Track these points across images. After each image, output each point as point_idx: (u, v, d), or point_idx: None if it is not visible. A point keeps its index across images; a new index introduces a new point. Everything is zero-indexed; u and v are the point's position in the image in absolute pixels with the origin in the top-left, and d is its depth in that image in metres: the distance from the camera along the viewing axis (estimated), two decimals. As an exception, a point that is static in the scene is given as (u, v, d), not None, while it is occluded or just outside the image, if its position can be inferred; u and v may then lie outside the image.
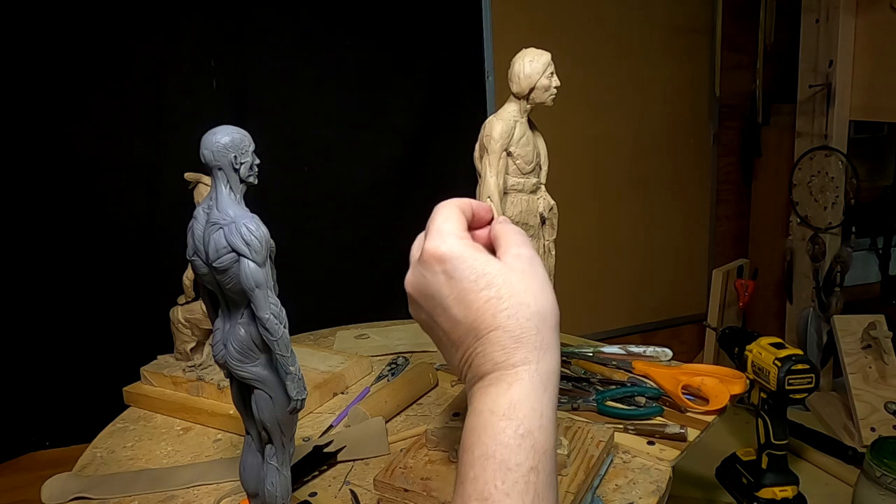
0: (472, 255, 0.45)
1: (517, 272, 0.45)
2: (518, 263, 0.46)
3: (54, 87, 1.52)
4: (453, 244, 0.46)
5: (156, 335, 1.08)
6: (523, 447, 0.40)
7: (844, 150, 1.87)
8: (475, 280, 0.44)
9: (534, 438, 0.40)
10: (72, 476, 0.87)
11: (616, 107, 2.11)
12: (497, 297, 0.44)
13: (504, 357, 0.43)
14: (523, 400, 0.41)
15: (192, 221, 0.60)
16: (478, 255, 0.45)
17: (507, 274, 0.45)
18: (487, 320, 0.44)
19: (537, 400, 0.42)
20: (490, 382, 0.43)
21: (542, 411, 0.41)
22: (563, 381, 1.06)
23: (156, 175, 1.61)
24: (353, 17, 1.75)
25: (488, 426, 0.41)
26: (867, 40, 1.79)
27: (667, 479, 0.81)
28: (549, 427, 0.41)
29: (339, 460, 0.88)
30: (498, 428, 0.40)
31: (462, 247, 0.46)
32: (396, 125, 1.84)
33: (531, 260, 0.46)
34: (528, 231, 0.69)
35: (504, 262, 0.46)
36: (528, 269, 0.46)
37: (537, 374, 0.42)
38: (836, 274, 1.88)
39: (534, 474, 0.39)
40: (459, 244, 0.46)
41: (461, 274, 0.45)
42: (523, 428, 0.40)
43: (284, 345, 0.59)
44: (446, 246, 0.46)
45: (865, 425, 1.60)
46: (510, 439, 0.40)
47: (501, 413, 0.41)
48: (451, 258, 0.45)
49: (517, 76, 0.65)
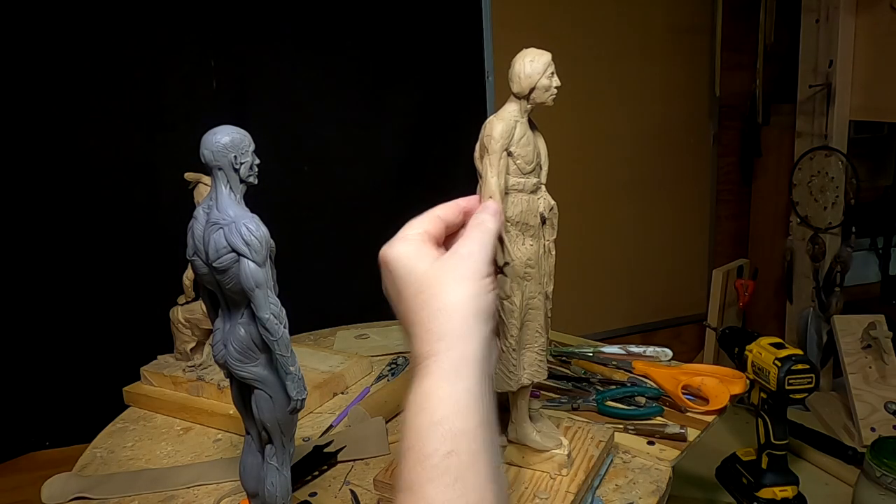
0: (408, 254, 0.48)
1: (443, 268, 0.47)
2: (450, 260, 0.48)
3: (55, 87, 1.52)
4: (397, 247, 0.48)
5: (156, 335, 1.08)
6: (437, 434, 0.41)
7: (844, 150, 1.87)
8: (405, 278, 0.47)
9: (449, 424, 0.41)
10: (72, 476, 0.87)
11: (616, 107, 2.11)
12: (417, 292, 0.46)
13: (420, 349, 0.45)
14: (433, 390, 0.43)
15: (192, 221, 0.60)
16: (414, 254, 0.48)
17: (432, 270, 0.47)
18: (410, 315, 0.46)
19: (449, 387, 0.43)
20: (413, 377, 0.45)
21: (457, 397, 0.43)
22: (563, 381, 1.06)
23: (156, 175, 1.61)
24: (353, 18, 1.75)
25: (407, 420, 0.43)
26: (867, 40, 1.79)
27: (667, 479, 0.81)
28: (466, 411, 0.42)
29: (339, 460, 0.88)
30: (415, 422, 0.42)
31: (406, 249, 0.48)
32: (396, 125, 1.84)
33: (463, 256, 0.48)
34: (528, 231, 0.69)
35: (442, 261, 0.48)
36: (454, 265, 0.47)
37: (447, 362, 0.44)
38: (836, 274, 1.88)
39: (453, 457, 0.40)
40: (405, 247, 0.48)
41: (397, 273, 0.48)
42: (437, 415, 0.41)
43: (284, 345, 0.59)
44: (390, 249, 0.48)
45: (865, 425, 1.60)
46: (424, 429, 0.41)
47: (416, 407, 0.43)
48: (391, 259, 0.48)
49: (517, 76, 0.64)
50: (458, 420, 0.41)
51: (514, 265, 0.67)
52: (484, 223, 0.51)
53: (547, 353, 0.74)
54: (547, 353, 0.74)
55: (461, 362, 0.44)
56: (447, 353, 0.44)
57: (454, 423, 0.41)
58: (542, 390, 1.04)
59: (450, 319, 0.45)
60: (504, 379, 0.71)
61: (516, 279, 0.68)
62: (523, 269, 0.68)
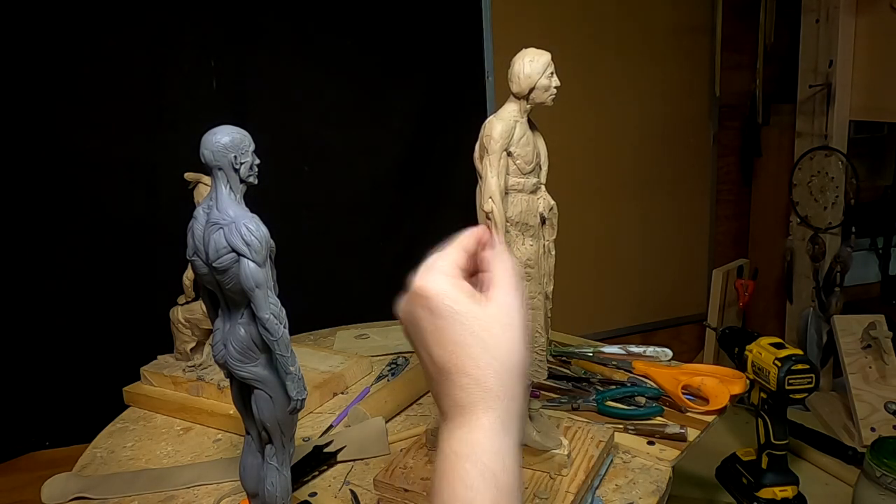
0: (453, 295, 0.46)
1: (492, 318, 0.46)
2: (499, 311, 0.47)
3: (54, 87, 1.52)
4: (439, 282, 0.47)
5: (156, 335, 1.08)
6: (488, 488, 0.42)
7: (844, 150, 1.86)
8: (450, 320, 0.46)
9: (497, 479, 0.42)
10: (72, 476, 0.87)
11: (616, 107, 2.11)
12: (468, 344, 0.45)
13: (467, 400, 0.44)
14: (485, 443, 0.43)
15: (192, 221, 0.60)
16: (460, 296, 0.47)
17: (484, 320, 0.46)
18: (455, 362, 0.45)
19: (499, 443, 0.43)
20: (456, 425, 0.45)
21: (504, 453, 0.43)
22: (563, 381, 1.06)
23: (156, 175, 1.61)
24: (353, 18, 1.74)
25: (454, 469, 0.43)
26: (867, 40, 1.79)
27: (667, 479, 0.81)
28: (511, 468, 0.43)
29: (339, 460, 0.88)
30: (463, 471, 0.42)
31: (447, 286, 0.47)
32: (396, 125, 1.84)
33: (513, 309, 0.47)
34: (528, 231, 0.69)
35: (485, 307, 0.47)
36: (506, 320, 0.47)
37: (498, 420, 0.44)
38: (836, 274, 1.88)
39: None
40: (445, 283, 0.47)
41: (440, 312, 0.46)
42: (487, 470, 0.42)
43: (284, 345, 0.59)
44: (432, 283, 0.47)
45: (865, 425, 1.60)
46: (474, 481, 0.42)
47: (466, 456, 0.43)
48: (434, 296, 0.46)
49: (517, 76, 0.64)
50: (503, 476, 0.42)
51: (514, 265, 0.67)
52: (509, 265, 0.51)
53: (547, 353, 0.75)
54: (547, 353, 0.75)
55: (511, 419, 0.45)
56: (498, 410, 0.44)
57: (500, 479, 0.42)
58: (542, 390, 1.04)
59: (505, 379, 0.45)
60: (504, 379, 0.71)
61: (516, 279, 0.68)
62: (523, 269, 0.69)
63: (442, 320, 0.46)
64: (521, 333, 0.47)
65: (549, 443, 0.76)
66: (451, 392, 0.45)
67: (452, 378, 0.45)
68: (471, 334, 0.45)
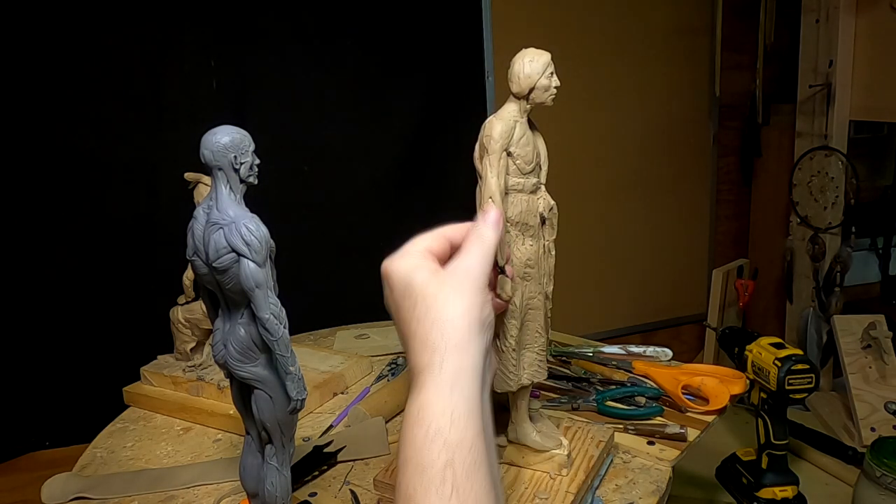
0: (407, 269, 0.48)
1: (440, 282, 0.47)
2: (446, 275, 0.48)
3: (54, 86, 1.52)
4: (398, 262, 0.49)
5: (156, 335, 1.08)
6: (434, 447, 0.41)
7: (844, 150, 1.87)
8: (402, 292, 0.48)
9: (445, 435, 0.42)
10: (72, 476, 0.87)
11: (616, 107, 2.11)
12: (413, 306, 0.46)
13: (417, 361, 0.45)
14: (429, 403, 0.43)
15: (192, 221, 0.60)
16: (413, 270, 0.48)
17: (430, 284, 0.47)
18: (407, 329, 0.47)
19: (445, 399, 0.43)
20: (410, 388, 0.45)
21: (452, 409, 0.43)
22: (563, 381, 1.06)
23: (156, 175, 1.61)
24: (353, 17, 1.74)
25: (405, 434, 0.44)
26: (867, 40, 1.79)
27: (667, 479, 0.81)
28: (462, 421, 0.43)
29: (339, 460, 0.88)
30: (411, 434, 0.43)
31: (402, 263, 0.49)
32: (396, 125, 1.84)
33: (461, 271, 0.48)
34: (527, 231, 0.69)
35: (439, 276, 0.48)
36: (451, 280, 0.48)
37: (441, 375, 0.44)
38: (836, 274, 1.88)
39: (449, 469, 0.41)
40: (404, 261, 0.49)
41: (396, 287, 0.48)
42: (433, 428, 0.42)
43: (284, 345, 0.59)
44: (391, 263, 0.49)
45: (865, 425, 1.60)
46: (421, 442, 0.42)
47: (413, 419, 0.43)
48: (391, 272, 0.48)
49: (517, 76, 0.64)
50: (454, 431, 0.42)
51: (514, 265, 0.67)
52: (482, 236, 0.52)
53: (547, 353, 0.74)
54: (547, 353, 0.75)
55: (458, 374, 0.44)
56: (443, 365, 0.44)
57: (450, 434, 0.42)
58: (542, 390, 1.04)
59: (446, 331, 0.45)
60: (504, 379, 0.71)
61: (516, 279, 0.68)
62: (523, 270, 0.69)
63: (398, 294, 0.48)
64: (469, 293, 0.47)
65: (549, 443, 0.76)
66: (408, 357, 0.47)
67: (406, 344, 0.47)
68: (416, 299, 0.46)
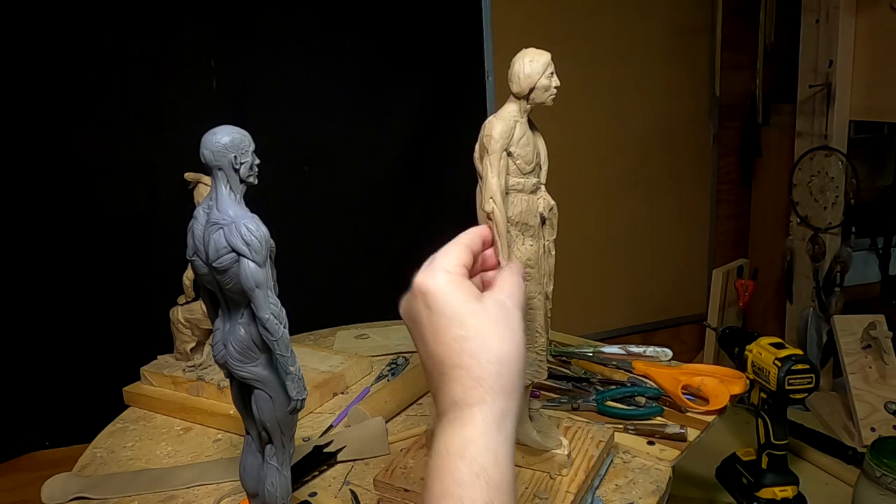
0: (453, 292, 0.47)
1: (491, 317, 0.47)
2: (495, 309, 0.48)
3: (54, 86, 1.52)
4: (439, 279, 0.48)
5: (156, 335, 1.08)
6: (478, 485, 0.42)
7: (844, 150, 1.86)
8: (449, 317, 0.46)
9: (488, 475, 0.42)
10: (72, 476, 0.87)
11: (616, 107, 2.11)
12: (464, 337, 0.46)
13: (462, 395, 0.45)
14: (477, 439, 0.44)
15: (192, 221, 0.60)
16: (458, 293, 0.47)
17: (480, 316, 0.47)
18: (452, 357, 0.46)
19: (491, 439, 0.44)
20: (449, 421, 0.45)
21: (497, 450, 0.44)
22: (563, 381, 1.06)
23: (156, 175, 1.61)
24: (353, 17, 1.74)
25: (445, 466, 0.43)
26: (867, 40, 1.79)
27: (667, 479, 0.81)
28: (503, 463, 0.44)
29: (339, 460, 0.88)
30: (454, 467, 0.43)
31: (447, 283, 0.47)
32: (396, 125, 1.84)
33: (510, 309, 0.48)
34: (528, 231, 0.69)
35: (483, 305, 0.47)
36: (503, 316, 0.47)
37: (491, 414, 0.44)
38: (836, 274, 1.88)
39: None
40: (445, 279, 0.48)
41: (439, 308, 0.47)
42: (477, 466, 0.42)
43: (284, 345, 0.59)
44: (432, 280, 0.47)
45: (865, 425, 1.60)
46: (465, 477, 0.42)
47: (457, 453, 0.43)
48: (433, 292, 0.47)
49: (517, 76, 0.64)
50: (495, 472, 0.43)
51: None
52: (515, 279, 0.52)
53: (547, 353, 0.74)
54: (547, 353, 0.75)
55: (505, 415, 0.45)
56: (494, 406, 0.44)
57: (491, 474, 0.43)
58: (542, 390, 1.04)
59: (502, 373, 0.45)
60: (504, 379, 0.71)
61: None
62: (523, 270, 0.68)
63: (441, 317, 0.46)
64: (519, 334, 0.47)
65: (549, 443, 0.76)
66: (446, 388, 0.46)
67: (449, 373, 0.46)
68: (468, 330, 0.46)
